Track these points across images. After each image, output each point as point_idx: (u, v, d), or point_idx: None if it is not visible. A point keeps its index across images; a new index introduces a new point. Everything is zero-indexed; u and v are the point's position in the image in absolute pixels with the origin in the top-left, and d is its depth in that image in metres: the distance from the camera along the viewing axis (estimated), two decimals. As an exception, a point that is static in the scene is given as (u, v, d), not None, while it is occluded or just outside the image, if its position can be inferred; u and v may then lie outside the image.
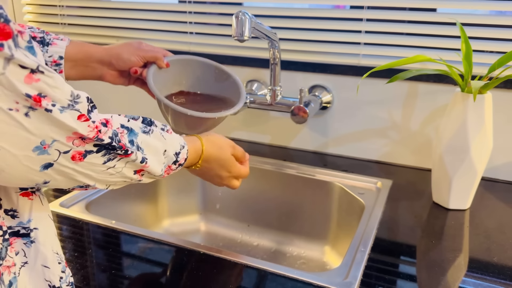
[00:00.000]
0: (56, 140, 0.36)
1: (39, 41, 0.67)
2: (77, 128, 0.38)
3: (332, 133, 1.05)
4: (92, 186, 0.44)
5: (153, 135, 0.49)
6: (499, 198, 0.86)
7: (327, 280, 0.59)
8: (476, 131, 0.74)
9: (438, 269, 0.63)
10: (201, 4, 1.10)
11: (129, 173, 0.46)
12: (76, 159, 0.39)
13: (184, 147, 0.55)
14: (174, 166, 0.53)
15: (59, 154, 0.38)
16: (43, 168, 0.37)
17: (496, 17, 0.87)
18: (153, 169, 0.48)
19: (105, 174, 0.43)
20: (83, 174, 0.41)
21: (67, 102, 0.36)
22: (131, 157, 0.44)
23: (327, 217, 0.94)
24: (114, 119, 0.43)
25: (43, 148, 0.36)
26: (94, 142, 0.40)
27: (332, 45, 1.00)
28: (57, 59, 0.68)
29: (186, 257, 0.64)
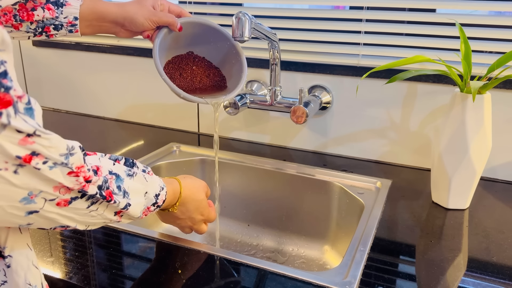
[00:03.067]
0: (43, 191, 0.37)
1: (53, 2, 0.66)
2: (64, 183, 0.38)
3: (331, 133, 1.05)
4: (72, 227, 0.45)
5: (136, 178, 0.50)
6: (498, 198, 0.86)
7: (326, 279, 0.59)
8: (475, 131, 0.74)
9: (437, 268, 0.63)
10: (201, 5, 1.10)
11: (110, 215, 0.47)
12: (61, 205, 0.40)
13: (164, 188, 0.56)
14: (153, 207, 0.54)
15: (44, 201, 0.38)
16: (28, 213, 0.38)
17: (495, 18, 0.87)
18: (132, 213, 0.49)
19: (87, 216, 0.44)
20: (66, 217, 0.42)
21: (61, 160, 0.37)
22: (114, 204, 0.45)
23: (327, 217, 0.95)
24: (103, 164, 0.45)
25: (29, 198, 0.36)
26: (81, 193, 0.40)
27: (332, 46, 1.01)
28: (72, 19, 0.68)
29: (186, 257, 0.65)
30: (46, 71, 1.37)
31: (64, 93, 1.37)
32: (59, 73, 1.35)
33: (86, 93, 1.33)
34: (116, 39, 1.23)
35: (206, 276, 0.60)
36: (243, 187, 1.02)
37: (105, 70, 1.26)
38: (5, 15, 0.63)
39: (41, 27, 0.66)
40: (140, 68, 1.20)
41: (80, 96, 1.34)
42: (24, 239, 0.45)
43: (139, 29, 0.72)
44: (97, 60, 1.27)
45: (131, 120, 1.28)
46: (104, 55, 1.24)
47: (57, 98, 1.39)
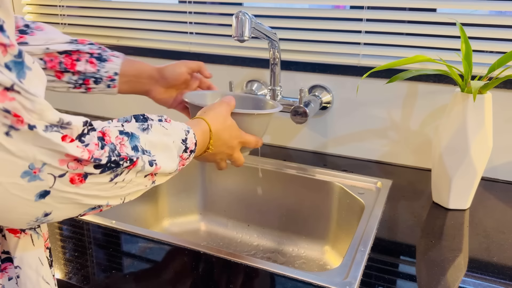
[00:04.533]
0: (46, 163, 0.32)
1: (97, 57, 0.70)
2: (68, 149, 0.33)
3: (332, 133, 1.05)
4: (106, 205, 0.40)
5: (153, 131, 0.45)
6: (498, 198, 0.86)
7: (327, 280, 0.59)
8: (476, 131, 0.74)
9: (438, 269, 0.63)
10: (201, 4, 1.10)
11: (140, 179, 0.42)
12: (76, 182, 0.34)
13: (189, 131, 0.52)
14: (186, 154, 0.50)
15: (54, 179, 0.33)
16: (38, 197, 0.32)
17: (496, 17, 0.87)
18: (165, 168, 0.45)
19: (115, 189, 0.39)
20: (89, 197, 0.36)
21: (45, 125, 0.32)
22: (138, 165, 0.40)
23: (327, 217, 0.94)
24: (111, 129, 0.39)
25: (33, 173, 0.31)
26: (94, 164, 0.35)
27: (332, 45, 1.00)
28: (112, 75, 0.71)
29: (186, 257, 0.64)
30: (46, 71, 1.37)
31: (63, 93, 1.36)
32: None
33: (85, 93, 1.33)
34: (116, 39, 1.23)
35: (206, 276, 0.60)
36: (243, 187, 1.01)
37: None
38: (51, 60, 0.67)
39: (82, 79, 0.70)
40: (140, 68, 1.20)
41: (80, 96, 1.34)
42: (36, 252, 0.41)
43: (174, 75, 0.75)
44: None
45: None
46: (104, 55, 1.24)
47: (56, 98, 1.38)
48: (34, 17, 1.31)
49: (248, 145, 0.69)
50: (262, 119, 0.71)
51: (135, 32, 1.20)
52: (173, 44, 1.16)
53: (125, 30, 1.21)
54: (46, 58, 0.67)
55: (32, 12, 1.30)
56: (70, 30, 1.27)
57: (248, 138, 0.68)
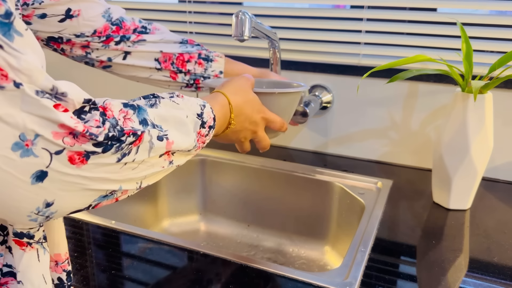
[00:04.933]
0: (39, 134, 0.28)
1: (204, 58, 0.76)
2: (60, 117, 0.29)
3: (332, 133, 1.05)
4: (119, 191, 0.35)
5: (162, 106, 0.40)
6: (499, 198, 0.86)
7: (327, 280, 0.59)
8: (477, 131, 0.74)
9: (439, 269, 0.63)
10: (201, 4, 1.10)
11: (155, 159, 0.38)
12: (76, 161, 0.30)
13: (205, 106, 0.47)
14: (205, 130, 0.46)
15: (50, 156, 0.29)
16: (35, 178, 0.29)
17: (497, 17, 0.87)
18: (180, 144, 0.40)
19: (126, 171, 0.35)
20: (96, 180, 0.32)
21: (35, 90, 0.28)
22: (144, 140, 0.35)
23: (327, 217, 0.94)
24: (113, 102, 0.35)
25: (25, 146, 0.27)
26: (91, 142, 0.31)
27: (332, 45, 1.00)
28: (218, 73, 0.77)
29: (186, 257, 0.64)
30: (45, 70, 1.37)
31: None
32: (58, 73, 1.35)
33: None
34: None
35: (206, 276, 0.60)
36: (243, 187, 1.01)
37: (105, 69, 1.26)
38: (165, 61, 0.74)
39: (193, 79, 0.76)
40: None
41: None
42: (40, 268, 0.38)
43: None
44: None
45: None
46: (104, 54, 1.24)
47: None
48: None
49: (273, 125, 0.63)
50: (285, 100, 0.65)
51: (135, 32, 1.19)
52: (173, 44, 1.15)
53: (125, 30, 1.20)
54: (161, 59, 0.73)
55: (32, 12, 1.30)
56: (70, 30, 1.27)
57: (273, 116, 0.62)
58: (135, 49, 0.71)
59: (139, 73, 0.74)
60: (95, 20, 0.66)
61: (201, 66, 0.76)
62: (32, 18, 0.61)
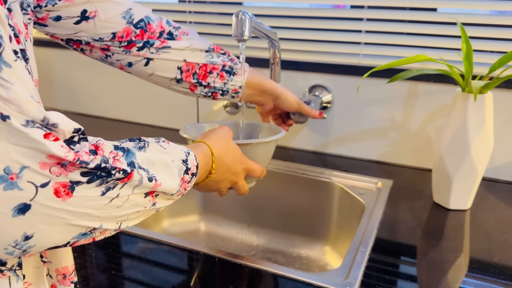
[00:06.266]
0: (26, 166, 0.27)
1: (227, 70, 0.73)
2: (50, 147, 0.28)
3: (332, 133, 1.04)
4: (99, 229, 0.35)
5: (151, 149, 0.42)
6: (499, 198, 0.86)
7: (327, 280, 0.59)
8: (477, 131, 0.74)
9: (439, 269, 0.62)
10: (201, 4, 1.10)
11: (139, 198, 0.38)
12: (62, 195, 0.30)
13: (190, 153, 0.48)
14: (188, 176, 0.46)
15: (35, 189, 0.28)
16: (17, 212, 0.27)
17: (497, 17, 0.87)
18: (166, 186, 0.41)
19: (110, 208, 0.34)
20: (79, 215, 0.31)
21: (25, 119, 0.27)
22: (133, 178, 0.36)
23: (327, 217, 0.94)
24: (105, 142, 0.36)
25: (9, 180, 0.27)
26: (80, 170, 0.30)
27: (333, 45, 1.00)
28: (237, 88, 0.75)
29: (186, 257, 0.64)
30: (45, 70, 1.37)
31: (62, 92, 1.36)
32: (58, 73, 1.35)
33: (85, 93, 1.33)
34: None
35: (206, 276, 0.60)
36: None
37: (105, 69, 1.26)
38: (187, 71, 0.70)
39: (211, 92, 0.74)
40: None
41: (79, 95, 1.34)
42: None
43: (287, 107, 0.83)
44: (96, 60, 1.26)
45: (130, 120, 1.28)
46: (104, 54, 1.24)
47: (56, 98, 1.38)
48: (33, 17, 1.30)
49: (253, 174, 0.65)
50: (264, 148, 0.68)
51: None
52: (173, 43, 1.15)
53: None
54: (184, 68, 0.70)
55: (32, 12, 1.30)
56: (69, 29, 1.27)
57: (254, 166, 0.64)
58: (158, 56, 0.66)
59: (159, 81, 0.71)
60: (114, 21, 0.61)
61: (222, 79, 0.73)
62: (47, 21, 0.58)
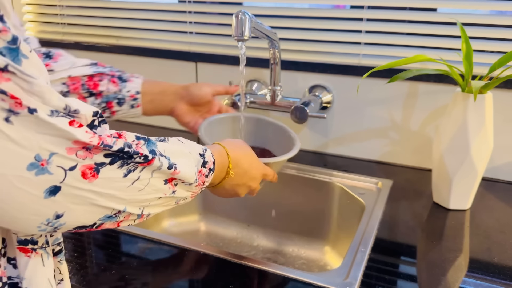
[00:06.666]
0: (54, 153, 0.29)
1: (118, 77, 0.71)
2: (75, 134, 0.30)
3: (332, 133, 1.04)
4: (123, 213, 0.37)
5: (170, 142, 0.43)
6: (499, 198, 0.86)
7: (327, 280, 0.59)
8: (477, 131, 0.74)
9: (439, 269, 0.62)
10: (201, 4, 1.10)
11: (159, 183, 0.39)
12: (88, 176, 0.32)
13: (207, 150, 0.49)
14: (205, 170, 0.47)
15: (64, 172, 0.30)
16: (48, 193, 0.30)
17: (497, 17, 0.87)
18: (185, 174, 0.42)
19: (132, 190, 0.36)
20: (105, 196, 0.34)
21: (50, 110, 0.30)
22: (154, 163, 0.38)
23: (327, 217, 0.94)
24: (127, 133, 0.38)
25: (40, 166, 0.29)
26: (104, 152, 0.33)
27: (332, 45, 1.00)
28: (134, 93, 0.72)
29: (186, 257, 0.64)
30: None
31: (63, 92, 1.36)
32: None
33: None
34: (115, 38, 1.22)
35: (206, 276, 0.60)
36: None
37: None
38: (74, 84, 0.68)
39: (105, 101, 0.70)
40: (140, 67, 1.20)
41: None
42: (45, 273, 0.39)
43: (199, 94, 0.76)
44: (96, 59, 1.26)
45: (130, 120, 1.28)
46: (104, 54, 1.24)
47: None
48: (33, 17, 1.30)
49: (267, 178, 0.66)
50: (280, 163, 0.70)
51: (135, 32, 1.19)
52: (173, 44, 1.16)
53: (125, 30, 1.21)
54: (69, 82, 0.67)
55: (32, 12, 1.30)
56: (70, 30, 1.27)
57: (269, 170, 0.65)
58: None
59: None
60: None
61: (115, 85, 0.70)
62: None
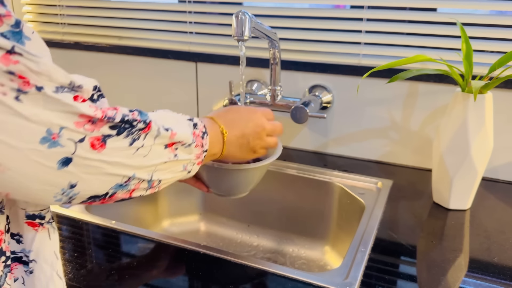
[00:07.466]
0: (64, 127, 0.32)
1: None
2: (80, 108, 0.32)
3: (332, 133, 1.05)
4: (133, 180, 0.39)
5: (159, 112, 0.46)
6: (499, 198, 0.86)
7: (327, 280, 0.59)
8: (477, 131, 0.74)
9: (439, 269, 0.62)
10: (201, 4, 1.10)
11: (161, 148, 0.41)
12: (97, 147, 0.34)
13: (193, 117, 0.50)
14: (198, 131, 0.48)
15: (74, 145, 0.32)
16: (61, 164, 0.32)
17: (497, 17, 0.87)
18: (182, 135, 0.44)
19: (138, 157, 0.39)
20: (112, 164, 0.36)
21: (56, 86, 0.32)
22: (152, 128, 0.40)
23: (327, 217, 0.94)
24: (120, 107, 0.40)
25: (51, 139, 0.31)
26: (108, 124, 0.35)
27: (332, 45, 1.00)
28: None
29: (186, 257, 0.64)
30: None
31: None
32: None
33: None
34: (117, 38, 1.22)
35: (206, 276, 0.60)
36: (243, 187, 1.01)
37: (104, 69, 1.26)
38: None
39: None
40: (140, 67, 1.20)
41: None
42: (52, 246, 0.42)
43: None
44: (96, 59, 1.26)
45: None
46: (103, 54, 1.24)
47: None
48: (33, 17, 1.30)
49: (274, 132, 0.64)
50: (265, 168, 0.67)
51: (135, 32, 1.19)
52: (173, 43, 1.16)
53: (125, 30, 1.21)
54: None
55: (32, 12, 1.30)
56: (69, 30, 1.27)
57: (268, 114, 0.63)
58: None
59: None
60: None
61: None
62: None
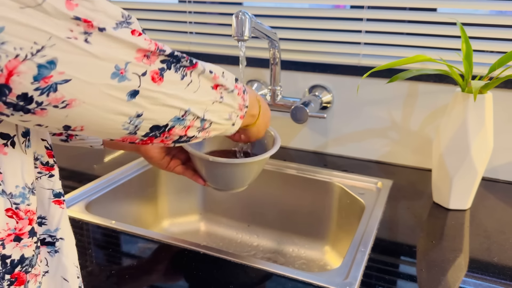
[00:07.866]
0: (128, 62, 0.35)
1: None
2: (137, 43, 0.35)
3: (332, 133, 1.05)
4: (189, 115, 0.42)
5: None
6: (499, 198, 0.86)
7: (327, 280, 0.59)
8: (477, 131, 0.74)
9: (438, 269, 0.63)
10: (201, 4, 1.10)
11: (208, 87, 0.44)
12: (156, 80, 0.37)
13: None
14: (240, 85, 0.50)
15: (139, 78, 0.36)
16: (130, 96, 0.36)
17: (496, 17, 0.87)
18: (223, 79, 0.46)
19: (189, 91, 0.41)
20: (171, 96, 0.39)
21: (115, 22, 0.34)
22: (198, 67, 0.42)
23: (327, 217, 0.94)
24: None
25: (120, 74, 0.34)
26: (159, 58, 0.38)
27: (332, 45, 1.00)
28: None
29: (186, 257, 0.64)
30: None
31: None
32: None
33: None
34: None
35: (206, 276, 0.60)
36: (243, 187, 1.01)
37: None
38: None
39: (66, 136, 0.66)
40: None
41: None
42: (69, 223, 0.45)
43: None
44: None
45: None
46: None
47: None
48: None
49: None
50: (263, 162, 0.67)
51: (135, 32, 1.19)
52: (173, 44, 1.16)
53: (125, 30, 1.20)
54: None
55: (32, 12, 1.30)
56: (70, 30, 1.27)
57: None
58: None
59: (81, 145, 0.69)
60: None
61: None
62: None
